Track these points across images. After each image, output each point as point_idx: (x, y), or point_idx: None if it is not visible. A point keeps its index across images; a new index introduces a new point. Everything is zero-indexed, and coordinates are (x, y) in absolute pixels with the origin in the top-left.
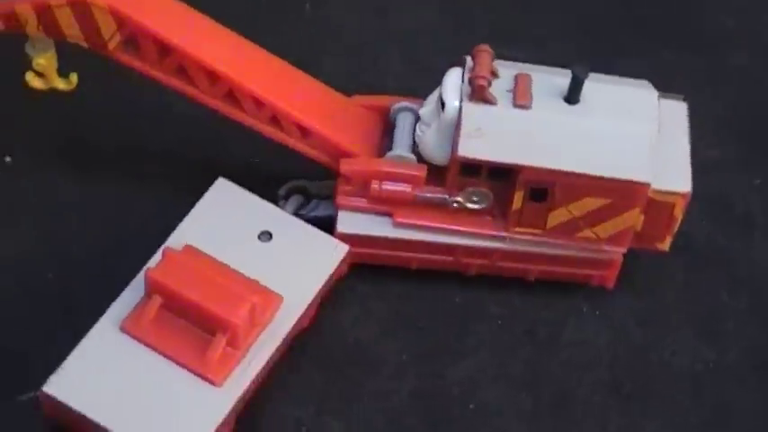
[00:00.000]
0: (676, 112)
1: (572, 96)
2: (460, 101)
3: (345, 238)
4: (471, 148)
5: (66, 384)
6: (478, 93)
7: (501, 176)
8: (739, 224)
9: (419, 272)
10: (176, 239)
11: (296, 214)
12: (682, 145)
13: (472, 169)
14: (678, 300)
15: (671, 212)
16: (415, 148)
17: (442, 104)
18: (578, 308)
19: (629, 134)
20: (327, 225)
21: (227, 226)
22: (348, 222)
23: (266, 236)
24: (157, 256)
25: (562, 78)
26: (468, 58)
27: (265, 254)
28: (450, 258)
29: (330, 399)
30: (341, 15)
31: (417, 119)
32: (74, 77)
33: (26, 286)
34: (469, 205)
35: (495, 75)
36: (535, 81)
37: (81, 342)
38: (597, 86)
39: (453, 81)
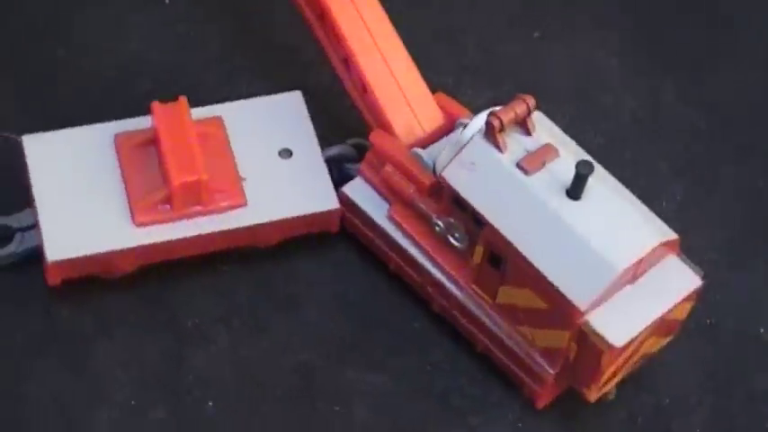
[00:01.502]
0: (685, 280)
1: (572, 190)
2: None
3: (345, 200)
4: (454, 176)
5: (37, 147)
6: (487, 130)
7: (480, 225)
8: None
9: (407, 283)
10: (216, 109)
11: (335, 161)
12: (654, 309)
13: (460, 203)
14: None
15: (598, 360)
16: None
17: (464, 127)
18: (509, 408)
19: (595, 257)
20: None
21: (264, 127)
22: (356, 189)
23: (286, 154)
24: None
25: None
26: None
27: (270, 166)
28: (419, 280)
29: (235, 316)
30: (559, 56)
31: None
32: None
33: (112, 83)
34: (450, 239)
35: (527, 130)
36: (560, 158)
37: (76, 128)
38: (613, 200)
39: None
